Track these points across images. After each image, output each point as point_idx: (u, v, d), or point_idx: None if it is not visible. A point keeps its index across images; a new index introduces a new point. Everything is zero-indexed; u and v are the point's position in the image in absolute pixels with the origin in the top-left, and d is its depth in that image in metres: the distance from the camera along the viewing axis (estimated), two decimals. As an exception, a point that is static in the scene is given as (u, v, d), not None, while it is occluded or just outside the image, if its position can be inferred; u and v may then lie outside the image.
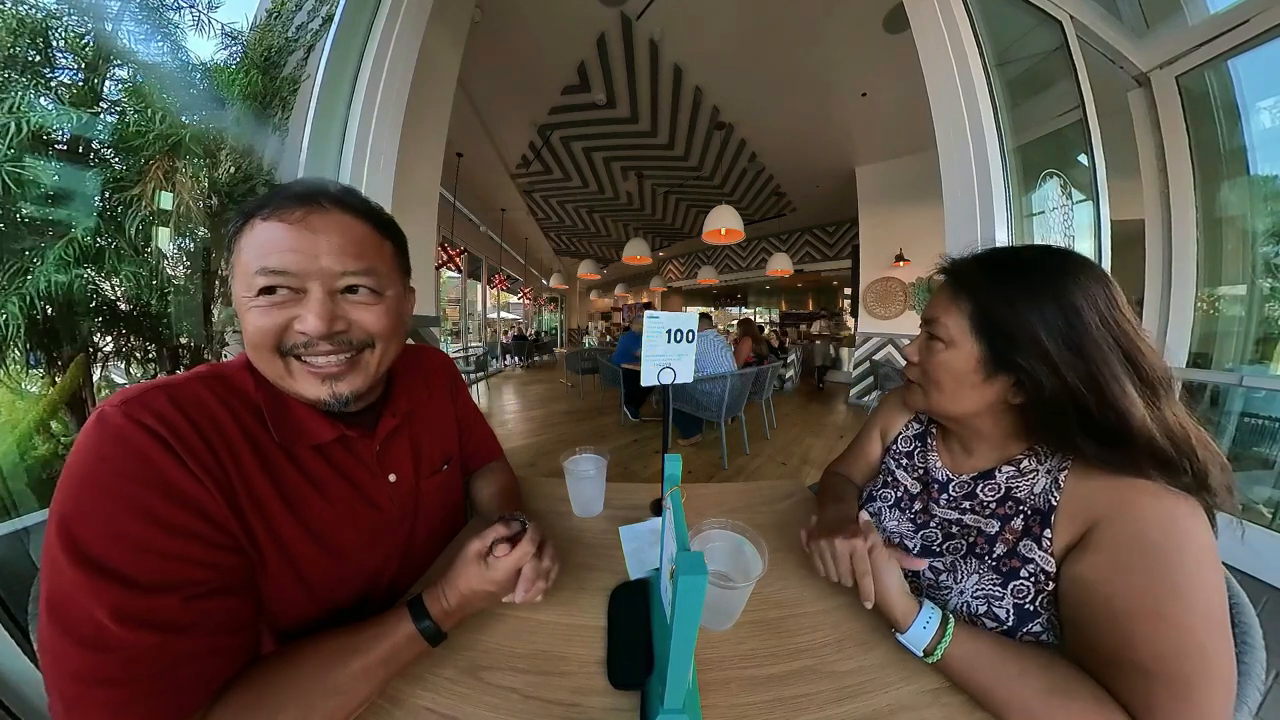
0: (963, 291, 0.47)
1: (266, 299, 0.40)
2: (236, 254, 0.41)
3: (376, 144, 1.40)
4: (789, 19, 2.71)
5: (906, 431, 0.67)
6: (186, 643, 0.32)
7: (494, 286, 8.74)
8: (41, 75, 1.03)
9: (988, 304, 0.45)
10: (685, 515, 0.38)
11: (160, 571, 0.32)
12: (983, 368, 0.46)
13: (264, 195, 0.43)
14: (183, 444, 0.36)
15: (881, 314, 5.00)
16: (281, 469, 0.44)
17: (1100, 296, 0.42)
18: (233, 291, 0.42)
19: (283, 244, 0.39)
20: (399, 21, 1.43)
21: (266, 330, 0.40)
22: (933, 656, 0.42)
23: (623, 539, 0.68)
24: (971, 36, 1.44)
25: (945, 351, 0.48)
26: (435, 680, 0.42)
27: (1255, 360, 1.90)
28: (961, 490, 0.54)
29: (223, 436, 0.39)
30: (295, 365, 0.42)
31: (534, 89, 3.61)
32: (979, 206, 1.40)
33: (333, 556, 0.47)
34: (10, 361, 1.05)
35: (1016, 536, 0.46)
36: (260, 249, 0.39)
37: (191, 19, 1.30)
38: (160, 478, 0.34)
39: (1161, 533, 0.36)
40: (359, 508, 0.50)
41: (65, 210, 1.05)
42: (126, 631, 0.29)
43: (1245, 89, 1.83)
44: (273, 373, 0.43)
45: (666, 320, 0.74)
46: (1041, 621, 0.43)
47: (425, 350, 0.70)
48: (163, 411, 0.36)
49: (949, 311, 0.48)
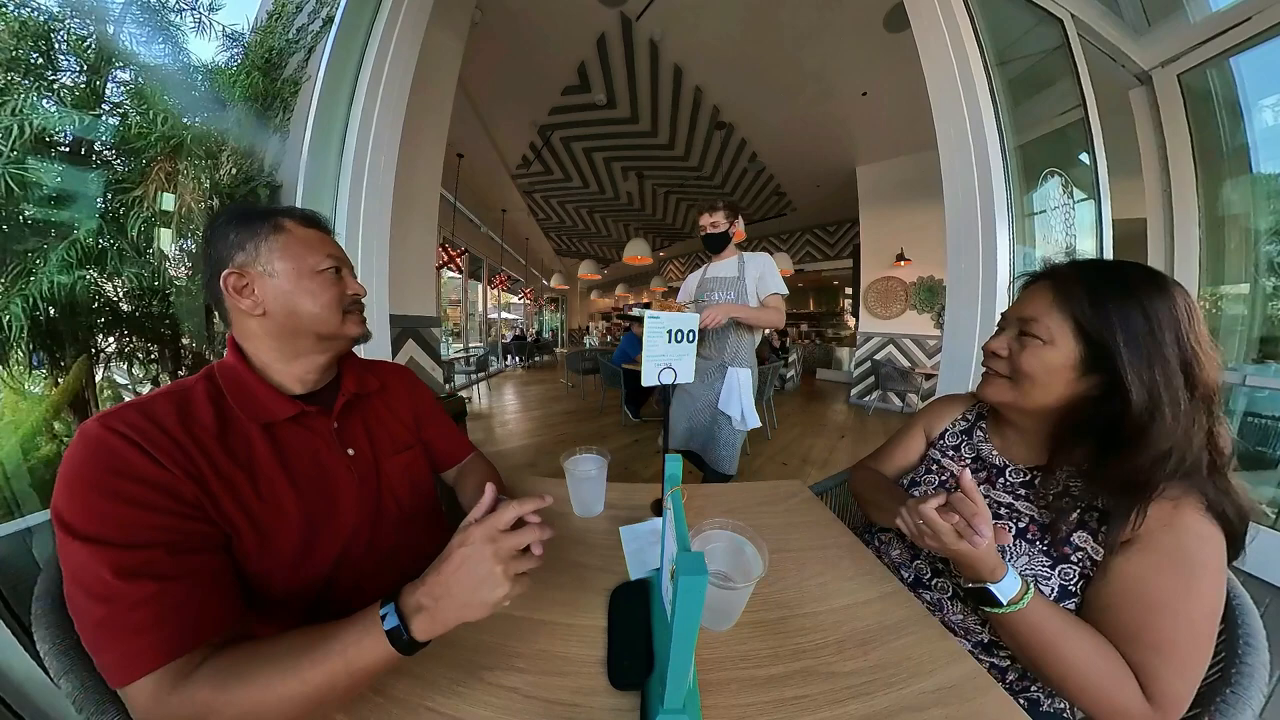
0: (1066, 296, 0.52)
1: (333, 275, 0.57)
2: (283, 248, 0.54)
3: (377, 145, 1.40)
4: (789, 18, 2.71)
5: (954, 427, 0.74)
6: (180, 589, 0.38)
7: (495, 287, 8.75)
8: (44, 77, 1.03)
9: (1090, 309, 0.50)
10: (686, 515, 0.38)
11: (144, 536, 0.39)
12: (1080, 365, 0.51)
13: (275, 208, 0.57)
14: (151, 443, 0.42)
15: (882, 314, 4.99)
16: (248, 452, 0.51)
17: (1178, 309, 0.47)
18: (270, 276, 0.53)
19: (329, 245, 0.58)
20: (399, 23, 1.43)
21: (338, 296, 0.57)
22: (1017, 605, 0.46)
23: (623, 539, 0.68)
24: (972, 35, 1.43)
25: (1045, 349, 0.52)
26: (436, 679, 0.42)
27: (1258, 359, 1.89)
28: (1018, 478, 0.60)
29: (190, 435, 0.46)
30: (348, 316, 0.58)
31: (534, 89, 3.61)
32: (980, 205, 1.40)
33: (302, 524, 0.52)
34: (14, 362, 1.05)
35: (1071, 529, 0.51)
36: (318, 244, 0.57)
37: (193, 21, 1.30)
38: (130, 468, 0.41)
39: (1197, 549, 0.44)
40: (322, 478, 0.56)
41: (68, 212, 1.05)
42: (126, 583, 0.36)
43: (1248, 87, 1.83)
44: (332, 325, 0.57)
45: (667, 320, 0.75)
46: (1075, 601, 0.50)
47: (387, 363, 0.81)
48: (133, 421, 0.43)
49: (1050, 313, 0.52)
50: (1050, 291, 0.53)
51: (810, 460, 3.03)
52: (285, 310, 0.54)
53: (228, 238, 0.53)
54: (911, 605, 0.54)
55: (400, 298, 1.63)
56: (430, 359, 2.05)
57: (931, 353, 4.66)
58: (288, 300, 0.53)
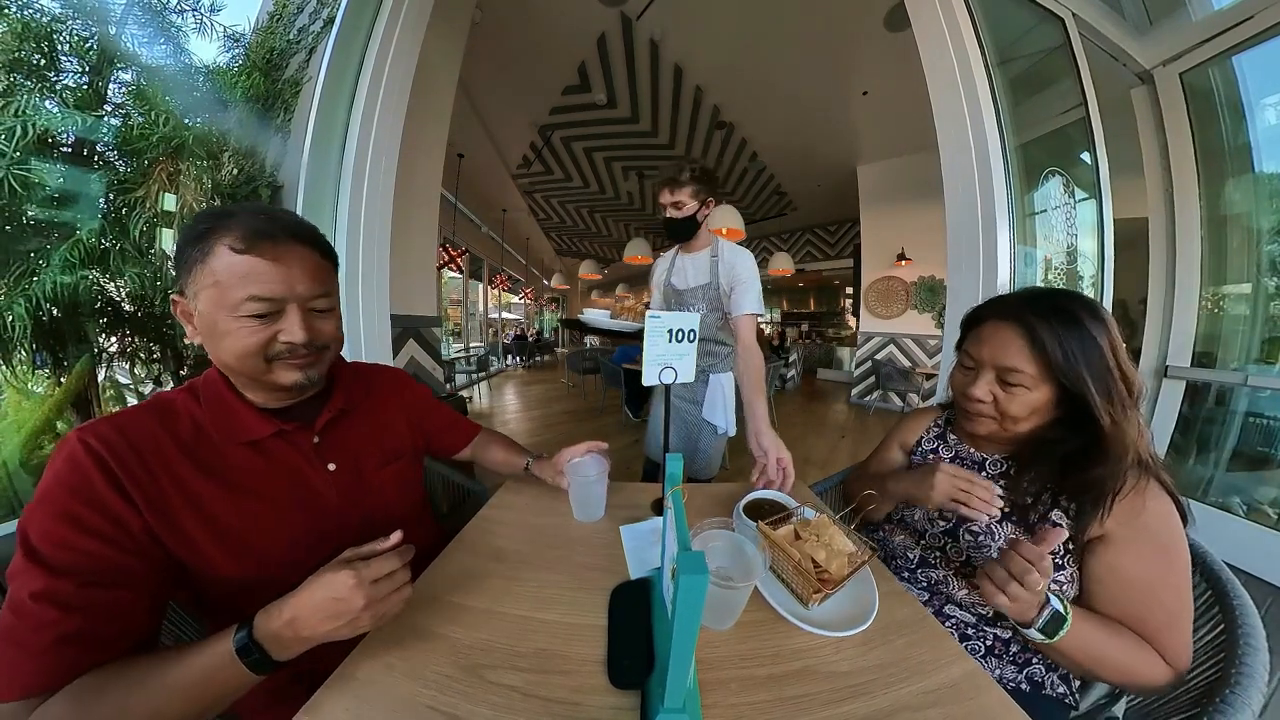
0: (1037, 343, 0.57)
1: (256, 320, 0.48)
2: (205, 278, 0.47)
3: (378, 145, 1.40)
4: (789, 18, 2.71)
5: (929, 434, 0.80)
6: (75, 622, 0.38)
7: (495, 287, 8.76)
8: (46, 79, 1.04)
9: (1061, 356, 0.56)
10: (686, 515, 0.38)
11: (68, 560, 0.39)
12: (1055, 400, 0.58)
13: (215, 218, 0.47)
14: (119, 461, 0.44)
15: (883, 313, 4.99)
16: (222, 466, 0.51)
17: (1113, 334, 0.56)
18: (197, 309, 0.48)
19: (266, 276, 0.47)
20: (399, 23, 1.43)
21: (257, 344, 0.49)
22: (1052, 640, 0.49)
23: (624, 538, 0.68)
24: (973, 34, 1.43)
25: (1030, 394, 0.58)
26: (437, 678, 0.42)
27: (1260, 360, 1.88)
28: (997, 469, 0.67)
29: (160, 454, 0.47)
30: (276, 363, 0.51)
31: (534, 89, 3.61)
32: (980, 205, 1.39)
33: (280, 537, 0.52)
34: (17, 363, 1.06)
35: (1046, 509, 0.58)
36: (244, 279, 0.46)
37: (194, 22, 1.31)
38: (88, 489, 0.42)
39: (1165, 529, 0.53)
40: (299, 494, 0.56)
41: (70, 212, 1.06)
42: (35, 603, 0.37)
43: (1250, 86, 1.82)
44: (254, 372, 0.51)
45: (667, 320, 0.74)
46: (1066, 575, 0.56)
47: (378, 368, 0.79)
48: (106, 435, 0.45)
49: (1029, 364, 0.57)
50: (1021, 339, 0.58)
51: (811, 460, 3.03)
52: (211, 348, 0.50)
53: (179, 252, 0.49)
54: (912, 605, 0.54)
55: (401, 297, 1.64)
56: (431, 359, 2.06)
57: (932, 352, 4.65)
58: (209, 339, 0.49)
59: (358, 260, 1.36)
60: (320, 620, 0.40)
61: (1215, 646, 0.52)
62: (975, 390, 0.62)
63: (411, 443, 0.74)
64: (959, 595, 0.62)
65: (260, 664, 0.40)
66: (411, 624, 0.49)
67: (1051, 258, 1.62)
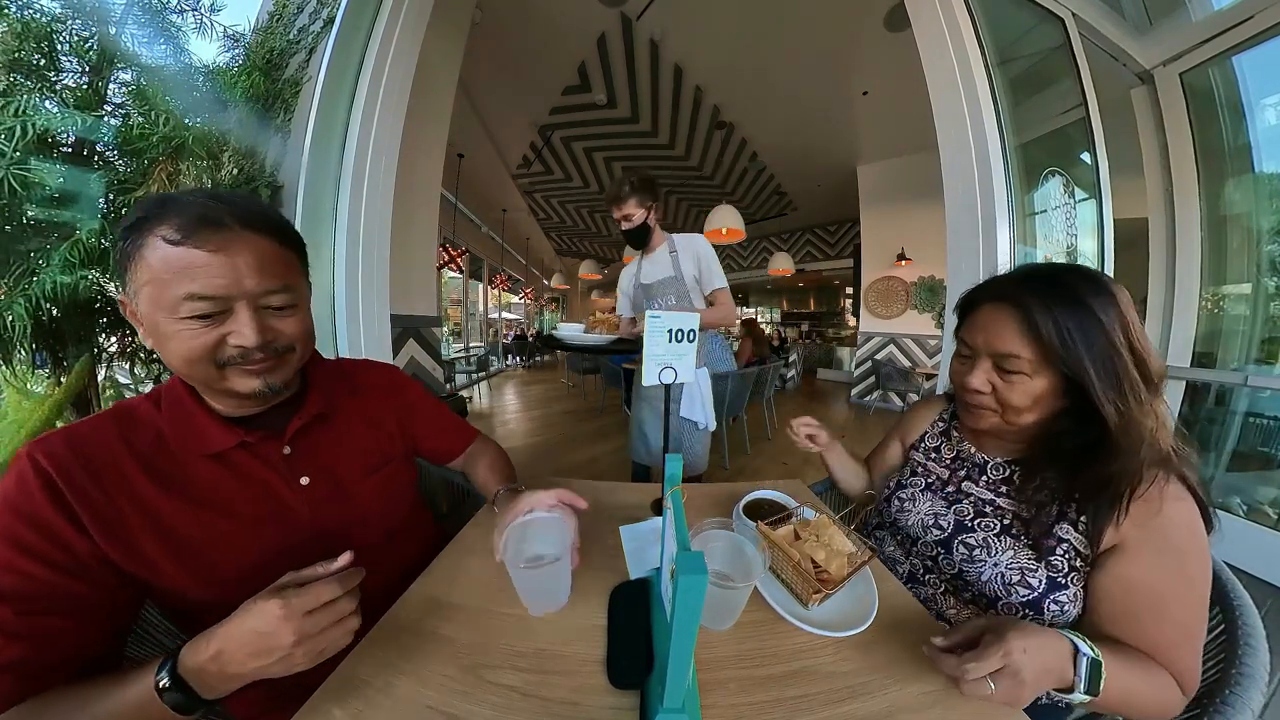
0: (1034, 325, 0.51)
1: (199, 322, 0.42)
2: (142, 274, 0.41)
3: (378, 145, 1.40)
4: (789, 18, 2.71)
5: (932, 429, 0.76)
6: (16, 649, 0.36)
7: (495, 287, 8.76)
8: (46, 79, 1.04)
9: (1053, 336, 0.50)
10: (686, 515, 0.38)
11: (9, 585, 0.37)
12: (1059, 388, 0.52)
13: (151, 207, 0.41)
14: (66, 479, 0.41)
15: (883, 313, 4.99)
16: (183, 479, 0.47)
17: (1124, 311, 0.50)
18: (140, 311, 0.43)
19: (206, 271, 0.41)
20: (399, 23, 1.43)
21: (203, 349, 0.43)
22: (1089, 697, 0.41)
23: (623, 538, 0.68)
24: (973, 34, 1.43)
25: (1030, 381, 0.53)
26: (436, 678, 0.42)
27: (1260, 359, 1.88)
28: (999, 474, 0.61)
29: (116, 469, 0.44)
30: (230, 369, 0.45)
31: (534, 89, 3.61)
32: (980, 205, 1.39)
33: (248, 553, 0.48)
34: (17, 362, 1.06)
35: (1052, 520, 0.52)
36: (180, 276, 0.40)
37: (194, 22, 1.31)
38: (32, 510, 0.39)
39: (1181, 537, 0.47)
40: (269, 509, 0.51)
41: (70, 212, 1.06)
42: None
43: (1250, 86, 1.82)
44: (206, 379, 0.46)
45: (667, 320, 0.74)
46: (1069, 594, 0.50)
47: (367, 364, 0.72)
48: (56, 452, 0.42)
49: (1026, 348, 0.52)
50: (1016, 321, 0.52)
51: (811, 460, 3.03)
52: (160, 352, 0.44)
53: (116, 246, 0.43)
54: (912, 605, 0.54)
55: (401, 297, 1.64)
56: (431, 359, 2.06)
57: (932, 352, 4.65)
58: (155, 343, 0.43)
59: (358, 260, 1.37)
60: (246, 656, 0.35)
61: (1215, 646, 0.52)
62: (972, 380, 0.57)
63: (402, 445, 0.69)
64: (949, 614, 0.59)
65: (185, 704, 0.35)
66: (411, 624, 0.49)
67: (1051, 258, 1.62)
